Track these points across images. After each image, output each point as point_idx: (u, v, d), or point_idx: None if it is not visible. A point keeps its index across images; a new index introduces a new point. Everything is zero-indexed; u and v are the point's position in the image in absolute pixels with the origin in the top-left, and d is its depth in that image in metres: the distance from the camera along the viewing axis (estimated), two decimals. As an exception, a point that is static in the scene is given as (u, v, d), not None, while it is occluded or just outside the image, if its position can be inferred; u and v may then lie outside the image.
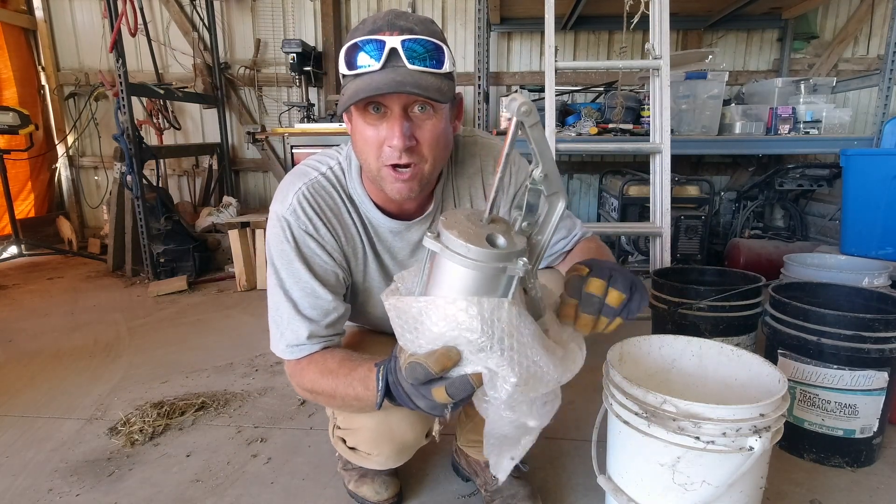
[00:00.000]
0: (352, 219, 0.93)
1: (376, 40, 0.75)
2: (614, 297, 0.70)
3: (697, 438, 0.82)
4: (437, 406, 0.64)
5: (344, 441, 1.05)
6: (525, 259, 0.58)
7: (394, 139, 0.77)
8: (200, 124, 4.25)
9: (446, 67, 0.78)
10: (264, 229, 3.46)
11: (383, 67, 0.75)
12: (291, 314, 0.89)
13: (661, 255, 2.13)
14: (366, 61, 0.75)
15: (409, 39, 0.75)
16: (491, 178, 0.99)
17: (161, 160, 3.62)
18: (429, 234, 0.59)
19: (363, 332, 1.14)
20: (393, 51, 0.75)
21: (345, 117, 0.87)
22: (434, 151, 0.81)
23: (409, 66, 0.75)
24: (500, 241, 0.59)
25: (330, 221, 0.91)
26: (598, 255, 0.97)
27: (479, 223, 0.61)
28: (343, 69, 0.78)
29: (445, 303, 0.57)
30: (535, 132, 0.58)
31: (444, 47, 0.78)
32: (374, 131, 0.79)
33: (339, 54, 0.79)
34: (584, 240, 1.07)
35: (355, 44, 0.76)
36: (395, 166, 0.80)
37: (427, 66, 0.76)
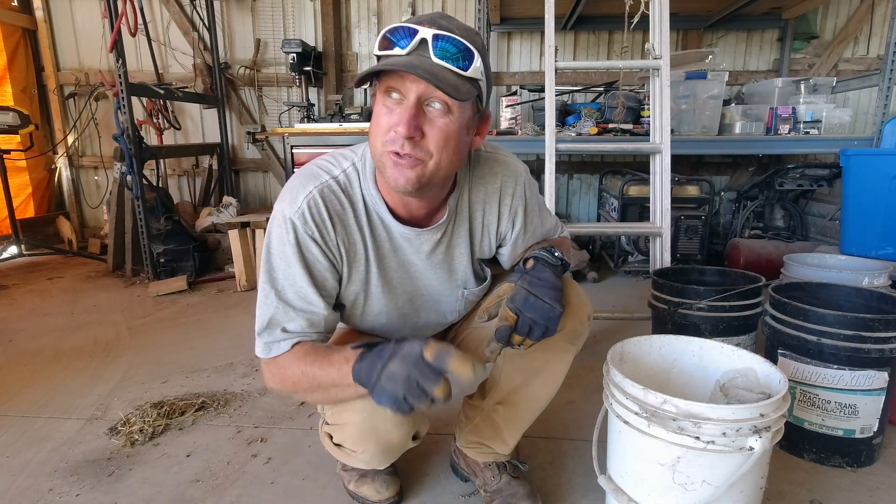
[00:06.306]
0: (358, 225, 0.92)
1: (409, 28, 0.77)
2: (527, 344, 0.90)
3: (697, 438, 0.83)
4: (416, 393, 0.73)
5: (331, 437, 1.05)
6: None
7: (400, 125, 0.77)
8: (200, 124, 4.25)
9: (472, 73, 0.79)
10: (264, 229, 3.47)
11: (408, 54, 0.76)
12: (282, 313, 0.89)
13: (661, 255, 2.12)
14: (393, 46, 0.77)
15: (442, 35, 0.76)
16: (508, 202, 1.00)
17: (161, 160, 3.63)
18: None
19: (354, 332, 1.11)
20: (423, 41, 0.76)
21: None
22: (441, 152, 0.80)
23: (434, 60, 0.76)
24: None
25: (336, 228, 0.90)
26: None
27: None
28: (375, 51, 0.81)
29: None
30: None
31: (477, 53, 0.79)
32: (388, 117, 0.79)
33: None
34: (559, 238, 1.15)
35: (389, 29, 0.78)
36: (396, 153, 0.80)
37: (452, 65, 0.77)
